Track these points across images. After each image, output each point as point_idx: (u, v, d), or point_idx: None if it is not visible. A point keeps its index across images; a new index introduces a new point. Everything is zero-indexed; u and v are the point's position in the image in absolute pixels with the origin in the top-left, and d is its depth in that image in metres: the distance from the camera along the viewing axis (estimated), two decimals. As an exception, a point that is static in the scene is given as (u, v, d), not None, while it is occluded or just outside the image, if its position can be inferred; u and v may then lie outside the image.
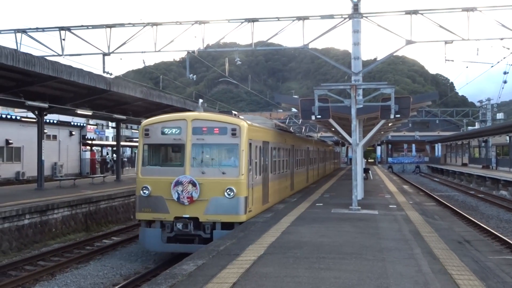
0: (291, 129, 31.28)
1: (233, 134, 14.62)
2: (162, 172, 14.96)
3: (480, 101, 78.05)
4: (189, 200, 14.27)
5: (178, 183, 14.31)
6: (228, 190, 14.26)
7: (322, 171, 42.12)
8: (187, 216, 14.35)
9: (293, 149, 24.29)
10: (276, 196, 19.79)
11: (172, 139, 15.03)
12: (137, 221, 16.78)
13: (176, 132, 14.93)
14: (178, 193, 14.28)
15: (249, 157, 14.97)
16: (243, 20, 23.63)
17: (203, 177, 14.41)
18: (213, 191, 14.31)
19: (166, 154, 16.15)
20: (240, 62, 27.16)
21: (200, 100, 17.51)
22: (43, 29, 25.58)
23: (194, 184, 14.23)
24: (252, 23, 23.50)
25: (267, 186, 17.99)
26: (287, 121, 43.56)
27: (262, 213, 16.93)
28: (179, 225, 14.24)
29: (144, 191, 14.70)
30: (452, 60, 26.08)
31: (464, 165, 71.20)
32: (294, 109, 46.16)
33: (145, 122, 15.69)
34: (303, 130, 42.35)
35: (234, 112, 16.51)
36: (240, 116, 17.27)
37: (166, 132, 15.05)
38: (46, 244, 18.17)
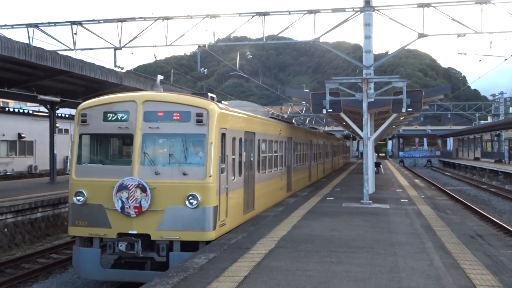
0: (293, 120, 29.16)
1: (199, 121, 11.16)
2: (103, 172, 11.55)
3: (493, 95, 77.41)
4: (136, 210, 10.82)
5: (122, 187, 10.87)
6: (190, 198, 10.83)
7: (329, 166, 38.43)
8: (134, 232, 10.89)
9: (290, 142, 21.14)
10: (265, 201, 16.34)
11: (116, 128, 11.57)
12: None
13: (122, 118, 11.53)
14: (122, 201, 10.85)
15: (221, 152, 11.65)
16: (254, 14, 23.63)
17: (157, 179, 11.01)
18: (170, 199, 10.92)
19: (109, 148, 12.65)
20: (251, 56, 27.27)
21: (159, 76, 13.29)
22: (55, 24, 25.74)
23: (143, 189, 10.81)
24: (263, 16, 23.50)
25: (252, 189, 14.64)
26: (288, 112, 40.15)
27: (270, 212, 16.89)
28: (122, 246, 10.67)
29: (79, 197, 11.32)
30: (465, 54, 26.00)
31: (476, 159, 70.70)
32: (304, 103, 45.77)
33: (82, 105, 12.13)
34: (306, 121, 40.33)
35: (211, 95, 12.75)
36: (223, 102, 14.09)
37: (109, 118, 11.63)
38: (58, 237, 18.32)
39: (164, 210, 10.89)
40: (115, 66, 24.94)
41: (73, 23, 25.12)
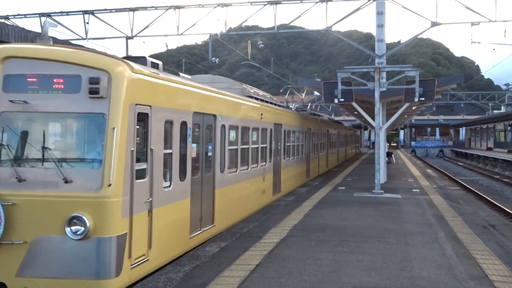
0: (292, 105, 25.94)
1: (94, 92, 6.91)
2: None
3: (507, 84, 76.74)
4: None
5: None
6: (73, 222, 6.59)
7: (333, 159, 34.44)
8: None
9: (280, 130, 17.32)
10: (234, 211, 12.03)
11: None
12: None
13: None
14: None
15: (137, 144, 7.39)
16: (266, 3, 23.50)
17: (18, 190, 6.78)
18: (41, 224, 6.67)
19: None
20: (262, 45, 27.11)
21: (49, 22, 8.27)
22: (67, 13, 25.80)
23: None
24: (274, 5, 23.37)
25: (210, 196, 10.50)
26: (287, 94, 35.18)
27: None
28: None
29: None
30: (479, 42, 25.66)
31: (489, 149, 70.17)
32: (316, 93, 45.41)
33: None
34: (308, 107, 35.92)
35: (153, 60, 8.77)
36: (182, 75, 10.46)
37: None
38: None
39: (29, 242, 6.62)
40: (127, 55, 24.98)
41: (85, 12, 25.16)
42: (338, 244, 9.62)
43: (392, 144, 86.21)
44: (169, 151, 8.44)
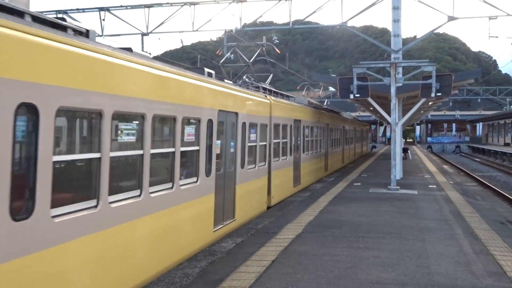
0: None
1: None
2: None
3: (525, 79, 75.71)
4: None
5: None
6: None
7: (319, 166, 23.15)
8: None
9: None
10: None
11: None
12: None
13: None
14: None
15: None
16: (281, -2, 23.45)
17: None
18: None
19: None
20: (277, 41, 27.08)
21: None
22: (84, 10, 25.98)
23: None
24: (289, 1, 23.33)
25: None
26: (226, 55, 25.63)
27: (299, 193, 16.85)
28: None
29: None
30: (496, 37, 25.34)
31: (506, 144, 69.36)
32: (332, 88, 45.31)
33: None
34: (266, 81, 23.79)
35: None
36: None
37: None
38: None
39: None
40: (142, 52, 25.08)
41: (101, 9, 25.34)
42: (354, 240, 9.59)
43: (408, 140, 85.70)
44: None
